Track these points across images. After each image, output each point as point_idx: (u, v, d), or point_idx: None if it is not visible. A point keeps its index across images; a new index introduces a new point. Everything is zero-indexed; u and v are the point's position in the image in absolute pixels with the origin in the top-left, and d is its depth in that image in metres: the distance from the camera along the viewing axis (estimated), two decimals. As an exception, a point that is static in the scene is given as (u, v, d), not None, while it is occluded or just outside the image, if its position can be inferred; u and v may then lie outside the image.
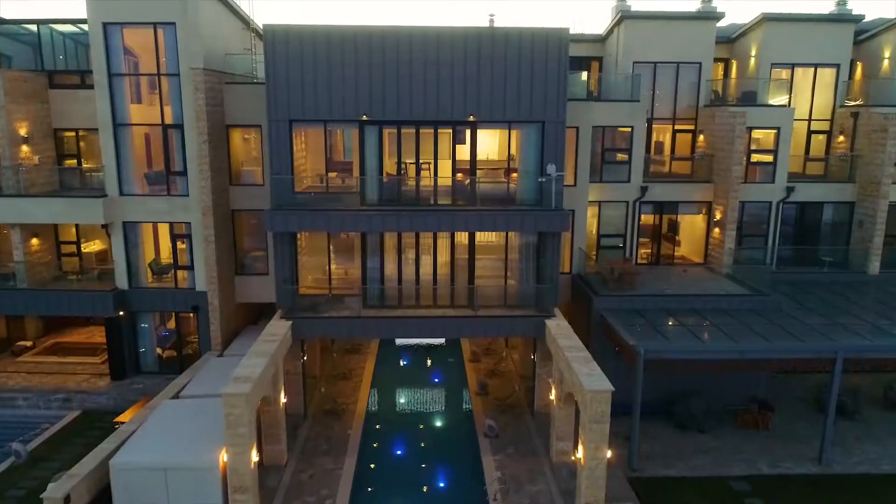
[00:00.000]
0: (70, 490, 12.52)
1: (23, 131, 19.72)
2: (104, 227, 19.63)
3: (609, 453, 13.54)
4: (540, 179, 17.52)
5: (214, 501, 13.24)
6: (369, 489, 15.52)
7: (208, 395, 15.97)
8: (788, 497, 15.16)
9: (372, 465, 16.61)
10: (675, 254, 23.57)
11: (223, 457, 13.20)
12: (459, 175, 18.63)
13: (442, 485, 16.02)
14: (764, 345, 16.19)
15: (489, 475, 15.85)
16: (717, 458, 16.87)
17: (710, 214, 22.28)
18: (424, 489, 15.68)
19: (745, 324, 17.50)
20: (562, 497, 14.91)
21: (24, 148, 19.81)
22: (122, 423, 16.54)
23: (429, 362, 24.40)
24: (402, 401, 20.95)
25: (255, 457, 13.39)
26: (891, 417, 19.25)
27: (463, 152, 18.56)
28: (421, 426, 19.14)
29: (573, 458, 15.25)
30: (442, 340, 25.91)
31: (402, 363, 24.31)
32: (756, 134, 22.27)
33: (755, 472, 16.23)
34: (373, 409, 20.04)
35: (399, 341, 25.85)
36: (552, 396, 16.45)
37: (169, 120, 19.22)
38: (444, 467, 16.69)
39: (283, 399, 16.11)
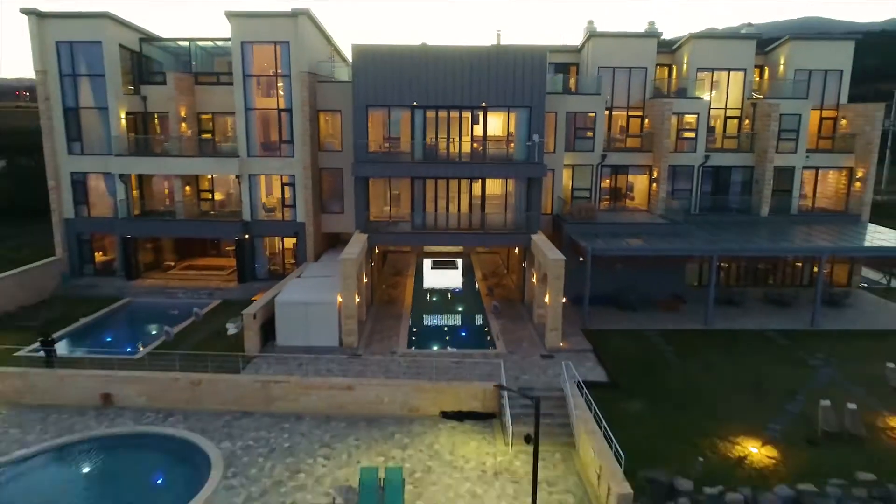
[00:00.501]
0: (255, 312, 21.89)
1: (182, 113, 29.19)
2: (237, 177, 29.07)
3: (564, 300, 22.71)
4: (527, 143, 26.69)
5: (333, 323, 22.52)
6: (415, 334, 24.81)
7: (317, 276, 25.33)
8: (681, 339, 24.19)
9: (417, 326, 25.86)
10: (628, 204, 32.65)
11: (339, 298, 22.49)
12: (475, 144, 27.82)
13: (464, 334, 25.27)
14: (667, 245, 25.36)
15: (493, 328, 25.06)
16: (640, 323, 25.97)
17: (650, 175, 31.36)
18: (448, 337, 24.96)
19: (662, 238, 26.63)
20: (538, 336, 24.08)
21: (183, 125, 29.29)
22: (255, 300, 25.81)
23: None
24: (435, 299, 30.18)
25: (357, 298, 22.70)
26: (763, 307, 28.30)
27: (477, 130, 27.75)
28: (449, 309, 28.43)
29: (541, 310, 24.39)
30: (459, 286, 34.81)
31: (433, 276, 33.50)
32: (688, 118, 31.36)
33: (662, 327, 25.31)
34: (416, 301, 29.30)
35: (427, 284, 34.92)
36: (534, 280, 25.66)
37: (282, 106, 28.60)
38: (465, 327, 25.95)
39: (365, 279, 25.40)
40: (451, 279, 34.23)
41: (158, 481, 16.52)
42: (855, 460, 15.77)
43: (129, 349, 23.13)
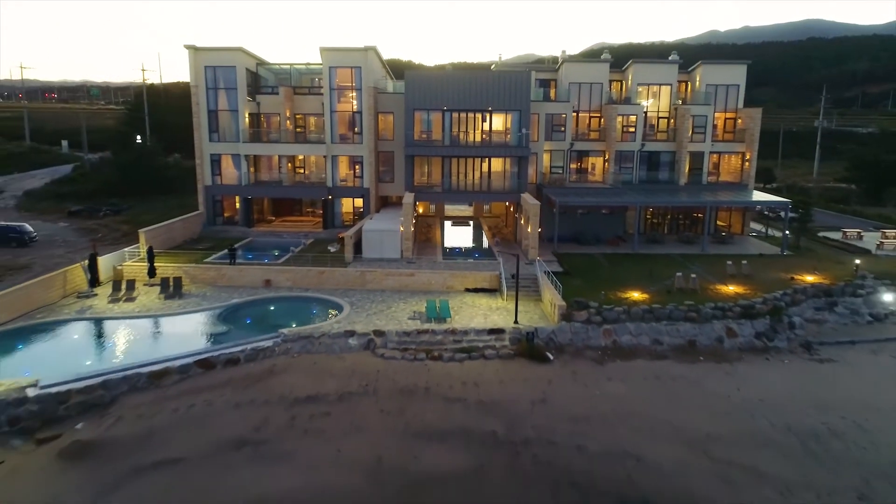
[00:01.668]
0: (351, 235, 35.43)
1: (287, 114, 42.75)
2: (325, 157, 42.58)
3: (539, 229, 36.13)
4: (518, 135, 40.15)
5: (397, 243, 35.96)
6: (447, 252, 38.27)
7: (382, 219, 38.85)
8: (614, 257, 37.56)
9: (447, 249, 39.28)
10: (589, 178, 46.02)
11: (401, 228, 35.97)
12: (484, 135, 41.26)
13: (477, 255, 38.70)
14: (608, 199, 38.79)
15: (495, 251, 38.48)
16: (591, 250, 39.34)
17: (604, 157, 44.75)
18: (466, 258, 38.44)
19: (607, 196, 40.06)
20: (524, 254, 37.43)
21: (287, 123, 42.85)
22: (342, 237, 39.21)
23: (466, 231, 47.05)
24: (456, 242, 43.62)
25: (412, 228, 36.19)
26: (676, 244, 41.62)
27: (486, 125, 41.18)
28: (465, 246, 41.92)
29: (527, 241, 37.73)
30: (472, 237, 48.20)
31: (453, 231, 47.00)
32: (630, 118, 44.67)
33: (604, 252, 38.73)
34: (443, 240, 42.72)
35: (448, 236, 48.19)
36: (522, 222, 39.11)
37: (355, 109, 42.08)
38: (477, 251, 39.37)
39: (413, 223, 38.87)
40: (465, 233, 47.69)
41: (314, 312, 30.05)
42: (687, 299, 29.23)
43: (266, 260, 36.57)
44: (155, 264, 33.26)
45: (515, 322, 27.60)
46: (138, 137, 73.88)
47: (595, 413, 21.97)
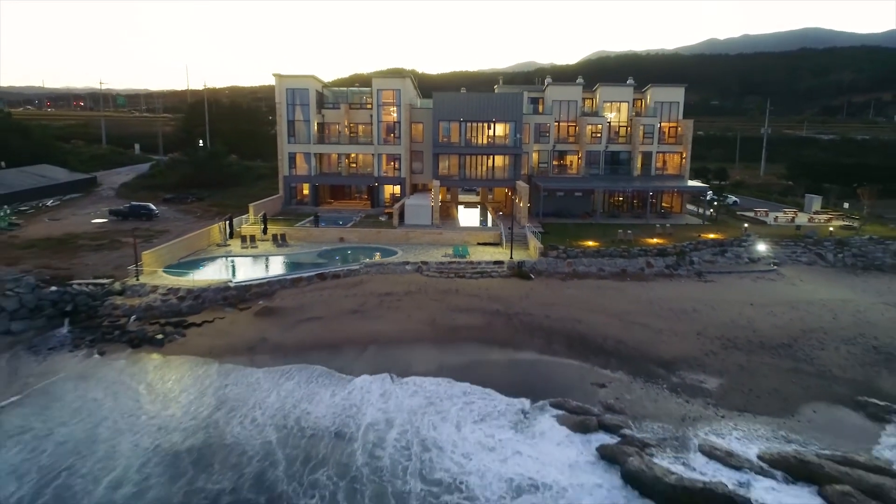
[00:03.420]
0: (398, 210, 49.82)
1: (345, 122, 57.27)
2: (372, 154, 57.01)
3: (529, 205, 50.46)
4: (514, 138, 54.53)
5: (428, 214, 50.27)
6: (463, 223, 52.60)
7: (416, 198, 53.24)
8: (581, 225, 51.82)
9: (462, 221, 53.60)
10: (568, 171, 60.36)
11: (432, 202, 50.33)
12: (489, 139, 55.64)
13: (482, 222, 53.00)
14: (580, 185, 53.18)
15: (498, 221, 52.79)
16: (566, 221, 53.62)
17: (578, 155, 59.12)
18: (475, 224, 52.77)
19: (581, 183, 54.42)
20: (517, 224, 51.77)
21: (345, 129, 57.32)
22: (388, 212, 53.51)
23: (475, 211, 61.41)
24: (468, 221, 57.89)
25: (438, 203, 50.55)
26: (630, 217, 56.03)
27: (491, 132, 55.56)
28: (474, 220, 56.31)
29: (520, 214, 52.01)
30: (478, 216, 62.57)
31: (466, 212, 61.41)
32: (597, 127, 58.99)
33: (577, 222, 53.01)
34: (459, 220, 57.06)
35: (461, 216, 62.62)
36: (517, 200, 53.46)
37: (395, 119, 56.51)
38: (484, 222, 53.71)
39: (439, 201, 53.20)
40: (474, 213, 62.06)
41: (376, 254, 44.35)
42: (624, 245, 43.51)
43: (335, 225, 50.83)
44: (267, 225, 47.70)
45: (511, 258, 41.92)
46: (200, 141, 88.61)
47: (558, 302, 36.25)
